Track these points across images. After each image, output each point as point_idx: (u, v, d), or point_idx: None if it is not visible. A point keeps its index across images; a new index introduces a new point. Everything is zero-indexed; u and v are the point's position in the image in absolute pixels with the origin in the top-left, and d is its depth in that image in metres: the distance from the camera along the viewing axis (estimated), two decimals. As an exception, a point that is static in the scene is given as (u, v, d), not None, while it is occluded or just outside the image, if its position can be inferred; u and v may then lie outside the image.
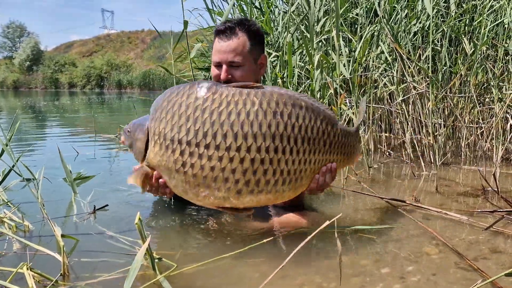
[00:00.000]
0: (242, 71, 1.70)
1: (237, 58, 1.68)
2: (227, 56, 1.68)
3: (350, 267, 1.31)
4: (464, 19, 3.24)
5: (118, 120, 8.50)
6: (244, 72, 1.70)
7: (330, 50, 3.32)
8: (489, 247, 1.47)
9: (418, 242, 1.53)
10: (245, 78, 1.70)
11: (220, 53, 1.69)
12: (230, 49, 1.68)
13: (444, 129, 2.99)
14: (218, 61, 1.70)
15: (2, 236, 1.57)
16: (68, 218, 1.85)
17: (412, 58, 2.96)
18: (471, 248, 1.46)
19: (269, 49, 3.81)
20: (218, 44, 1.70)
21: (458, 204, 2.04)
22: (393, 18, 3.35)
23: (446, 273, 1.27)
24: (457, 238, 1.56)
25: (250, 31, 1.71)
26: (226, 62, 1.68)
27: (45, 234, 1.59)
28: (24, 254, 1.39)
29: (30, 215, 1.79)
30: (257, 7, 4.56)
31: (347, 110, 2.60)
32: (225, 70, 1.68)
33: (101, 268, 1.29)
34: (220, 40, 1.69)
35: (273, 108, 1.37)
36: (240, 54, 1.68)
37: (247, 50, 1.70)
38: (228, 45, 1.68)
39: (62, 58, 65.66)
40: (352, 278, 1.23)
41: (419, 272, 1.28)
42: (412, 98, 3.09)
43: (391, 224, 1.72)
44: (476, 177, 2.58)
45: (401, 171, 2.84)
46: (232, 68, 1.69)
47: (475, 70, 3.04)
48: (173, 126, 1.37)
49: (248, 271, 1.30)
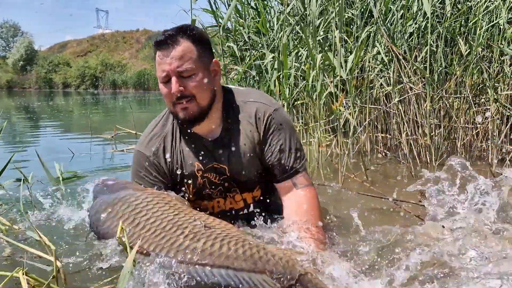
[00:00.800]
0: (195, 81, 1.48)
1: (186, 65, 1.47)
2: (174, 65, 1.46)
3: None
4: (459, 20, 3.25)
5: (114, 120, 8.47)
6: (198, 82, 1.49)
7: (327, 51, 3.33)
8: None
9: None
10: (200, 88, 1.50)
11: (164, 64, 1.47)
12: (176, 57, 1.46)
13: (442, 130, 3.00)
14: (165, 75, 1.48)
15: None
16: (58, 221, 1.82)
17: (409, 58, 2.97)
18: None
19: (265, 50, 3.81)
20: (159, 55, 1.49)
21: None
22: (388, 19, 3.36)
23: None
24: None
25: (193, 36, 1.50)
26: (174, 72, 1.47)
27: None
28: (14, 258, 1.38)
29: (21, 218, 1.77)
30: (253, 7, 4.56)
31: (344, 111, 2.60)
32: (175, 81, 1.47)
33: (93, 274, 1.28)
34: (161, 52, 1.48)
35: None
36: (188, 60, 1.47)
37: (195, 56, 1.49)
38: (172, 54, 1.46)
39: (56, 58, 65.27)
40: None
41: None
42: (408, 99, 3.09)
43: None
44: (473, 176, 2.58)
45: (397, 172, 2.85)
46: (183, 79, 1.48)
47: (470, 71, 3.05)
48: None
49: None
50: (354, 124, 2.49)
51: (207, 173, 1.64)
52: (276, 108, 1.62)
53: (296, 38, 3.99)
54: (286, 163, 1.60)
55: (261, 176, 1.67)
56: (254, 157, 1.62)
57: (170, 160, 1.64)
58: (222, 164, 1.62)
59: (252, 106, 1.62)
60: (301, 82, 3.64)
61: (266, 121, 1.59)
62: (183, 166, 1.64)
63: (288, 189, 1.61)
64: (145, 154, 1.64)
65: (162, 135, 1.65)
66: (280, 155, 1.60)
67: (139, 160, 1.65)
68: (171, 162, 1.64)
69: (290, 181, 1.61)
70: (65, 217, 1.83)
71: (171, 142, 1.65)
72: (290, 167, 1.60)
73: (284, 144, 1.61)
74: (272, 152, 1.60)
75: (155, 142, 1.64)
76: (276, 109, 1.62)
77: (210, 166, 1.63)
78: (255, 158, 1.62)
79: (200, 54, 1.50)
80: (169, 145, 1.64)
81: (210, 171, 1.63)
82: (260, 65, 3.94)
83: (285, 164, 1.60)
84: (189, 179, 1.64)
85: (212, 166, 1.63)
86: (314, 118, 3.29)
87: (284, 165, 1.60)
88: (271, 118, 1.59)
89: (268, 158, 1.61)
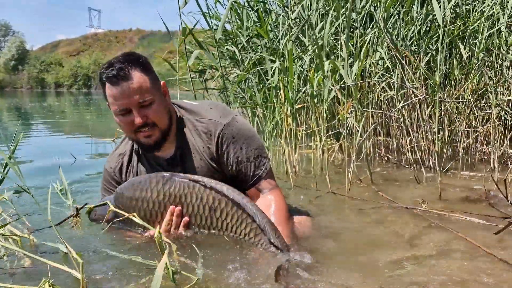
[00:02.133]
0: (154, 109, 1.53)
1: (145, 96, 1.51)
2: (135, 100, 1.50)
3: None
4: (458, 24, 3.28)
5: (112, 122, 8.40)
6: (157, 107, 1.54)
7: (331, 57, 3.34)
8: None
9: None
10: (160, 114, 1.56)
11: (123, 99, 1.50)
12: (134, 91, 1.49)
13: (446, 134, 3.03)
14: (124, 108, 1.51)
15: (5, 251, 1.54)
16: (68, 229, 1.81)
17: (413, 62, 2.99)
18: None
19: (264, 54, 3.81)
20: (116, 91, 1.49)
21: (467, 210, 2.06)
22: (390, 24, 3.38)
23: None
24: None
25: (142, 64, 1.53)
26: (135, 104, 1.50)
27: (50, 248, 1.57)
28: (34, 270, 1.37)
29: (30, 226, 1.76)
30: (252, 8, 4.54)
31: (349, 116, 2.61)
32: (137, 113, 1.51)
33: (116, 282, 1.28)
34: (115, 88, 1.49)
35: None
36: (145, 91, 1.51)
37: (150, 84, 1.52)
38: (129, 89, 1.48)
39: (48, 57, 64.78)
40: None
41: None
42: (411, 104, 3.12)
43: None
44: (476, 181, 2.62)
45: (401, 177, 2.87)
46: (144, 108, 1.52)
47: (472, 76, 3.09)
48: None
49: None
50: (360, 131, 2.51)
51: None
52: (227, 122, 1.65)
53: (298, 43, 4.00)
54: (248, 173, 1.65)
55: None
56: (211, 172, 1.67)
57: (125, 179, 1.75)
58: None
59: (203, 123, 1.66)
60: (303, 86, 3.65)
61: (218, 138, 1.64)
62: None
63: (254, 194, 1.68)
64: (107, 170, 1.79)
65: (122, 154, 1.77)
66: (239, 166, 1.65)
67: (104, 174, 1.82)
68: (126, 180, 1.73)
69: (254, 188, 1.68)
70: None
71: (127, 162, 1.76)
72: (252, 176, 1.66)
73: (241, 156, 1.65)
74: (231, 165, 1.65)
75: (116, 159, 1.78)
76: (228, 123, 1.65)
77: None
78: (212, 172, 1.67)
79: (152, 81, 1.54)
80: (125, 164, 1.76)
81: None
82: (259, 69, 3.95)
83: (246, 174, 1.66)
84: None
85: None
86: (316, 122, 3.31)
87: (245, 175, 1.66)
88: (223, 133, 1.63)
89: (229, 172, 1.67)
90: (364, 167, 2.86)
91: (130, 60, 1.52)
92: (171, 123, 1.63)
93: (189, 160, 1.67)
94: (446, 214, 1.95)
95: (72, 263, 1.26)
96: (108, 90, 1.51)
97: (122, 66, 1.49)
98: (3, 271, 1.39)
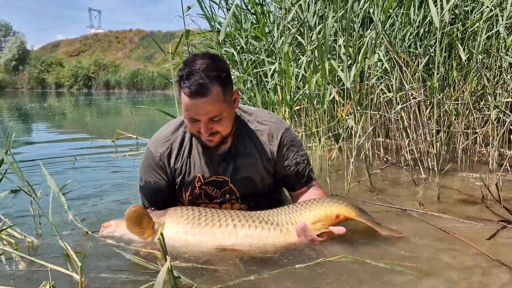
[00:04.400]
0: (222, 123, 1.59)
1: (215, 112, 1.55)
2: (206, 116, 1.55)
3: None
4: (456, 25, 3.28)
5: (111, 122, 8.45)
6: (224, 121, 1.60)
7: (330, 59, 3.35)
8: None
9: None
10: (225, 126, 1.61)
11: (195, 112, 1.54)
12: (208, 108, 1.53)
13: (443, 135, 3.04)
14: (194, 118, 1.57)
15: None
16: (70, 231, 1.82)
17: (411, 65, 3.00)
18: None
19: (263, 56, 3.82)
20: (190, 104, 1.53)
21: (463, 212, 2.07)
22: (388, 25, 3.39)
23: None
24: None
25: (220, 79, 1.54)
26: (205, 119, 1.56)
27: (50, 250, 1.58)
28: (31, 272, 1.38)
29: (26, 228, 1.77)
30: (249, 10, 4.55)
31: (348, 118, 2.62)
32: (205, 128, 1.56)
33: (117, 285, 1.29)
34: (191, 100, 1.52)
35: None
36: (217, 108, 1.54)
37: (222, 99, 1.55)
38: (204, 104, 1.52)
39: (49, 57, 64.82)
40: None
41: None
42: (410, 105, 3.13)
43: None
44: (474, 183, 2.63)
45: (399, 178, 2.88)
46: (212, 122, 1.58)
47: (471, 78, 3.10)
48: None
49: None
50: (359, 132, 2.52)
51: (205, 186, 1.76)
52: (287, 127, 1.82)
53: (296, 44, 4.01)
54: (304, 173, 1.84)
55: (265, 190, 1.82)
56: (263, 171, 1.77)
57: (173, 166, 1.75)
58: (224, 177, 1.74)
59: (266, 125, 1.79)
60: (302, 88, 3.66)
61: (280, 140, 1.77)
62: (185, 175, 1.75)
63: (303, 192, 1.85)
64: (153, 153, 1.76)
65: (171, 140, 1.76)
66: (297, 167, 1.81)
67: (147, 157, 1.78)
68: (174, 168, 1.75)
69: (306, 187, 1.86)
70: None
71: (178, 150, 1.75)
72: (307, 176, 1.85)
73: (298, 158, 1.82)
74: (289, 166, 1.80)
75: (164, 144, 1.76)
76: (287, 128, 1.82)
77: (210, 180, 1.75)
78: (263, 172, 1.77)
79: (225, 94, 1.57)
80: (175, 151, 1.75)
81: (208, 184, 1.76)
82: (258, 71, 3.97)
83: (303, 175, 1.83)
84: (187, 188, 1.76)
85: (212, 179, 1.75)
86: (316, 124, 3.32)
87: (301, 176, 1.83)
88: (284, 136, 1.78)
89: (285, 172, 1.81)
90: (363, 168, 2.87)
91: (212, 77, 1.51)
92: (233, 127, 1.72)
93: (242, 158, 1.75)
94: (442, 216, 1.96)
95: (74, 265, 1.27)
96: (184, 98, 1.54)
97: (203, 82, 1.49)
98: (4, 273, 1.41)
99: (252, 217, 1.58)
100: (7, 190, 2.14)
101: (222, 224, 1.54)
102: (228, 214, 1.60)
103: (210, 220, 1.56)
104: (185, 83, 1.51)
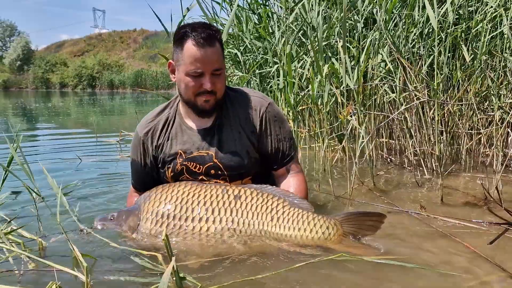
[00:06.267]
0: (221, 79, 1.69)
1: (219, 64, 1.65)
2: (212, 66, 1.63)
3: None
4: (460, 26, 3.27)
5: (117, 122, 8.47)
6: (222, 79, 1.70)
7: (332, 58, 3.35)
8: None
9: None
10: (223, 85, 1.71)
11: (203, 62, 1.60)
12: (214, 58, 1.62)
13: (447, 136, 3.03)
14: (200, 71, 1.62)
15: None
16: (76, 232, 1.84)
17: (414, 69, 2.99)
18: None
19: (267, 56, 3.82)
20: (199, 53, 1.59)
21: (467, 215, 2.07)
22: (391, 26, 3.38)
23: None
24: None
25: (220, 38, 1.67)
26: (210, 71, 1.63)
27: (55, 250, 1.60)
28: (38, 272, 1.40)
29: (31, 228, 1.79)
30: (253, 10, 4.55)
31: (351, 119, 2.62)
32: (209, 80, 1.63)
33: (122, 286, 1.30)
34: (200, 49, 1.59)
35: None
36: (220, 60, 1.66)
37: (222, 57, 1.68)
38: (212, 54, 1.61)
39: (53, 57, 65.09)
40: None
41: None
42: (414, 107, 3.13)
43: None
44: (477, 184, 2.62)
45: (403, 179, 2.87)
46: (214, 77, 1.65)
47: (475, 79, 3.09)
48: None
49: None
50: (362, 133, 2.52)
51: (187, 162, 1.78)
52: (270, 102, 1.84)
53: (299, 45, 4.01)
54: (284, 151, 1.83)
55: (253, 166, 1.80)
56: (248, 144, 1.78)
57: (155, 144, 1.82)
58: (208, 151, 1.76)
59: (249, 98, 1.82)
60: (305, 88, 3.66)
61: (263, 114, 1.79)
62: (166, 150, 1.80)
63: (281, 175, 1.86)
64: (138, 134, 1.86)
65: (155, 121, 1.85)
66: (278, 144, 1.82)
67: (134, 138, 1.90)
68: (156, 146, 1.82)
69: (284, 168, 1.85)
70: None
71: (162, 128, 1.83)
72: (287, 155, 1.84)
73: (280, 134, 1.83)
74: (271, 141, 1.81)
75: (148, 125, 1.85)
76: (270, 103, 1.83)
77: (192, 156, 1.77)
78: (248, 145, 1.78)
79: (223, 54, 1.69)
80: (158, 131, 1.83)
81: (191, 160, 1.77)
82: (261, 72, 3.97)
83: (282, 152, 1.83)
84: (169, 164, 1.80)
85: (195, 155, 1.77)
86: (319, 124, 3.32)
87: (281, 153, 1.83)
88: (267, 111, 1.80)
89: (267, 147, 1.81)
90: (366, 169, 2.87)
91: (215, 31, 1.64)
92: (223, 96, 1.76)
93: (226, 131, 1.78)
94: (445, 219, 1.95)
95: (80, 266, 1.29)
96: (191, 50, 1.60)
97: (210, 33, 1.61)
98: (11, 273, 1.42)
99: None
100: (8, 192, 2.16)
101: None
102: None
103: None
104: (192, 36, 1.59)
